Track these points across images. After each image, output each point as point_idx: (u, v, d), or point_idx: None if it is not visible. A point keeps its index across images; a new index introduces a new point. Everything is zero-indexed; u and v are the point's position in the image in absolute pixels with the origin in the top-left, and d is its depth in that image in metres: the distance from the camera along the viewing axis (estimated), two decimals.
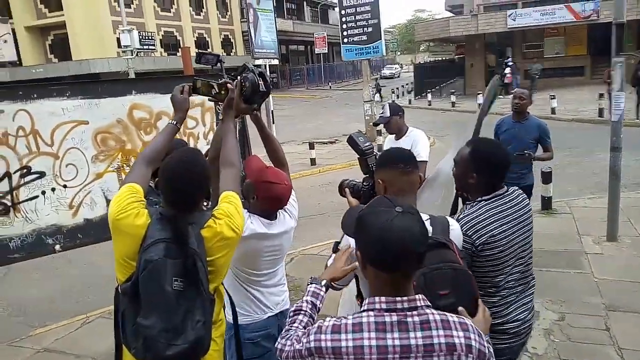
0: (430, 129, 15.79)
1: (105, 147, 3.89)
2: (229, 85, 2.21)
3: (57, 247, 3.73)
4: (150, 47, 23.30)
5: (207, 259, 1.83)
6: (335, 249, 2.01)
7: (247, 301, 2.35)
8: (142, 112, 4.04)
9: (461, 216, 2.15)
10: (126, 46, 18.63)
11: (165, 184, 1.87)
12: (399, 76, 45.82)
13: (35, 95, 3.55)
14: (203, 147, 4.37)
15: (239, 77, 2.28)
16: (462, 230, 2.05)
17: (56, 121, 3.64)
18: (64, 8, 27.75)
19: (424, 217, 1.63)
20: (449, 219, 2.01)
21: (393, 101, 4.44)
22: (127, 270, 1.82)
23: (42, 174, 3.62)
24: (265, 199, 2.24)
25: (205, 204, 2.18)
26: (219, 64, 2.44)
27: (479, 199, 2.18)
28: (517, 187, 2.30)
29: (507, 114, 5.01)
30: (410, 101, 25.14)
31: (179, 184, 1.83)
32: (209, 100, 2.43)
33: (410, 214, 1.35)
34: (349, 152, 4.33)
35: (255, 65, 2.28)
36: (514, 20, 22.41)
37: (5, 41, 27.63)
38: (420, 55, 62.78)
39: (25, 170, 3.56)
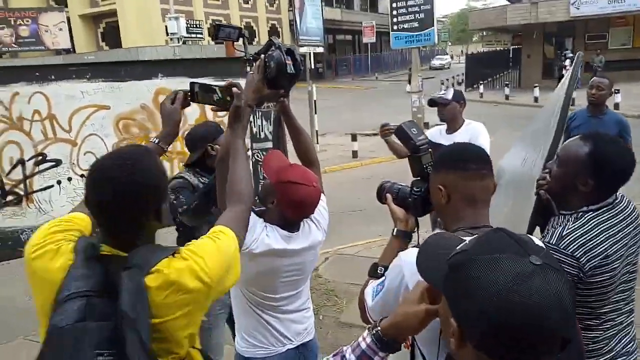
0: (482, 122, 14.98)
1: (128, 134, 3.57)
2: (234, 89, 1.73)
3: None
4: (198, 35, 23.29)
5: (153, 321, 1.19)
6: (374, 272, 1.53)
7: (261, 329, 1.93)
8: None
9: (565, 232, 1.67)
10: (173, 34, 18.64)
11: (85, 199, 1.31)
12: (449, 67, 44.32)
13: (52, 77, 3.26)
14: None
15: (262, 56, 1.85)
16: (568, 251, 1.60)
17: (75, 105, 3.35)
18: None
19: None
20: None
21: (455, 89, 3.92)
22: None
23: (58, 162, 3.35)
24: (287, 204, 1.81)
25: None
26: (240, 39, 2.02)
27: (585, 209, 1.71)
28: (623, 194, 1.81)
29: (579, 107, 4.39)
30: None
31: (97, 199, 1.25)
32: (212, 109, 1.98)
33: (554, 271, 0.81)
34: None
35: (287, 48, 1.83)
36: (578, 8, 20.96)
37: (61, 29, 28.51)
38: (472, 45, 60.73)
39: (40, 158, 3.30)
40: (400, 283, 1.25)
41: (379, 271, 1.48)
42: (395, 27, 13.55)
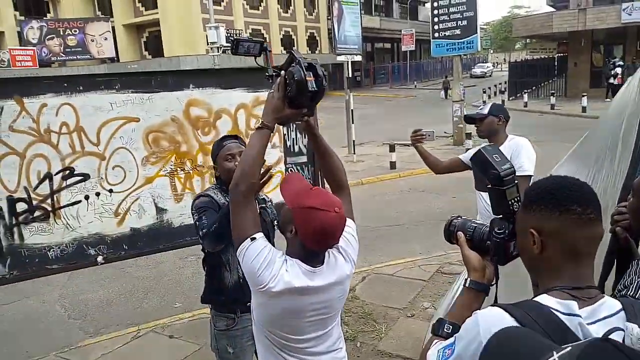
0: (526, 133, 14.38)
1: (158, 148, 3.43)
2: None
3: (100, 258, 3.33)
4: None
5: None
6: (439, 330, 1.24)
7: None
8: (200, 109, 3.54)
9: None
10: (212, 43, 18.78)
11: None
12: (490, 75, 43.31)
13: (81, 88, 3.14)
14: (267, 150, 3.82)
15: (282, 73, 1.65)
16: None
17: (103, 117, 3.22)
18: (158, 6, 28.91)
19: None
20: None
21: (494, 103, 3.55)
22: None
23: (86, 177, 3.22)
24: (306, 232, 1.57)
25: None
26: (262, 54, 1.82)
27: None
28: None
29: None
30: (503, 102, 23.41)
31: None
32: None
33: None
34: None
35: (307, 62, 1.62)
36: (630, 14, 19.99)
37: (106, 38, 29.41)
38: (515, 53, 59.22)
39: (67, 172, 3.17)
40: (475, 352, 0.99)
41: (445, 329, 1.21)
42: (436, 35, 13.23)
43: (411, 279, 5.14)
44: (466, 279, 1.27)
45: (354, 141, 12.69)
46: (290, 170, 3.92)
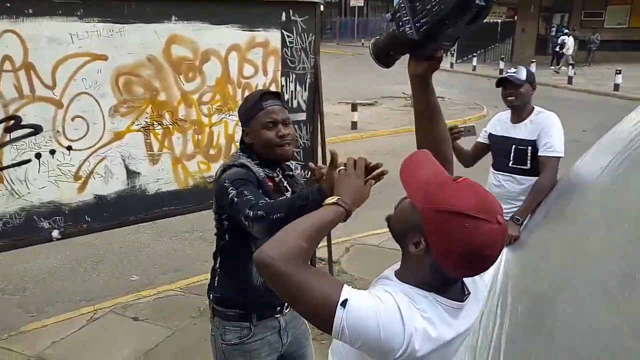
0: (481, 97, 14.38)
1: (130, 95, 2.73)
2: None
3: (55, 233, 2.65)
4: None
5: None
6: None
7: None
8: (184, 48, 2.85)
9: None
10: None
11: None
12: None
13: (30, 11, 2.37)
14: None
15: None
16: None
17: (61, 52, 2.48)
18: None
19: None
20: None
21: (525, 67, 3.06)
22: None
23: (37, 129, 2.49)
24: (454, 253, 1.00)
25: None
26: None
27: None
28: None
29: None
30: (452, 64, 23.37)
31: None
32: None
33: None
34: (393, 116, 3.14)
35: None
36: None
37: None
38: None
39: (12, 122, 2.43)
40: None
41: None
42: None
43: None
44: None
45: None
46: None
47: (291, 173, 1.98)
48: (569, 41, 19.71)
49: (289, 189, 1.89)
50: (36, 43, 2.40)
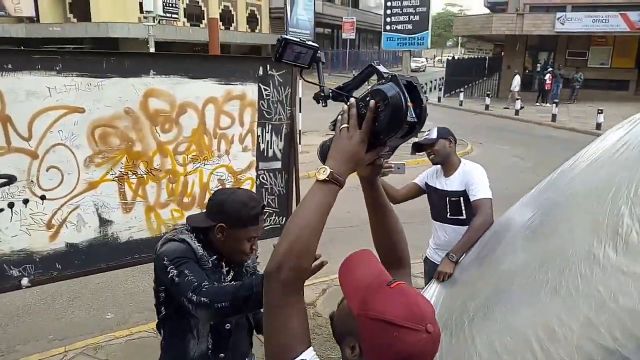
0: (465, 133, 14.59)
1: (105, 146, 2.80)
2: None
3: (25, 281, 2.67)
4: (174, 15, 22.01)
5: None
6: None
7: None
8: (161, 101, 2.93)
9: None
10: (148, 12, 17.40)
11: None
12: (424, 70, 44.27)
13: (10, 66, 2.44)
14: (237, 153, 3.28)
15: (352, 99, 1.17)
16: None
17: (39, 105, 2.55)
18: None
19: None
20: None
21: (437, 126, 3.20)
22: None
23: (11, 179, 2.54)
24: (379, 358, 1.03)
25: None
26: (315, 63, 1.27)
27: None
28: None
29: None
30: (439, 99, 23.80)
31: None
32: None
33: None
34: None
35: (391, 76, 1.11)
36: (563, 24, 20.86)
37: None
38: (447, 50, 60.90)
39: None
40: None
41: None
42: (387, 27, 12.96)
43: None
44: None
45: (300, 131, 12.18)
46: (262, 178, 3.40)
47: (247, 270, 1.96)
48: (515, 79, 20.48)
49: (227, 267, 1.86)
50: (14, 96, 2.47)
